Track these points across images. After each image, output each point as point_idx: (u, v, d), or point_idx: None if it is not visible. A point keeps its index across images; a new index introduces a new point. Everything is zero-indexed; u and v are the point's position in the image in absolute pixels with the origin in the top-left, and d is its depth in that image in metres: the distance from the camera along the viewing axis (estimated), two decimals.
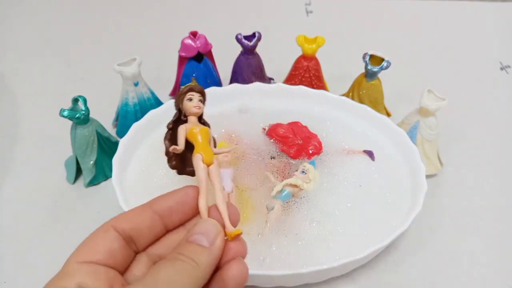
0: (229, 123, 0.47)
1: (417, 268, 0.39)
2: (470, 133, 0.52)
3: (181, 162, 0.29)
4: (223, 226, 0.24)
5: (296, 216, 0.38)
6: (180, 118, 0.29)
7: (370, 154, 0.43)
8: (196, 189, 0.26)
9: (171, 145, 0.27)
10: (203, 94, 0.30)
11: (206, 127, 0.29)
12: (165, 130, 0.29)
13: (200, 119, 0.30)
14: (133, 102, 0.48)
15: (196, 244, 0.23)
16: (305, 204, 0.39)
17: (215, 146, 0.30)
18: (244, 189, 0.40)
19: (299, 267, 0.33)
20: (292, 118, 0.47)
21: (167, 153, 0.28)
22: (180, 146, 0.27)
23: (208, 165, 0.27)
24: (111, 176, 0.39)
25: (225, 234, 0.24)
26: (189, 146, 0.28)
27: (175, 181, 0.41)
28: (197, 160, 0.27)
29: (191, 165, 0.27)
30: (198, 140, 0.27)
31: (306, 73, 0.51)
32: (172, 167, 0.29)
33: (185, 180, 0.28)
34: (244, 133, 0.45)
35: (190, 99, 0.29)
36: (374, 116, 0.46)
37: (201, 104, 0.29)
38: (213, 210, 0.25)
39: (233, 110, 0.48)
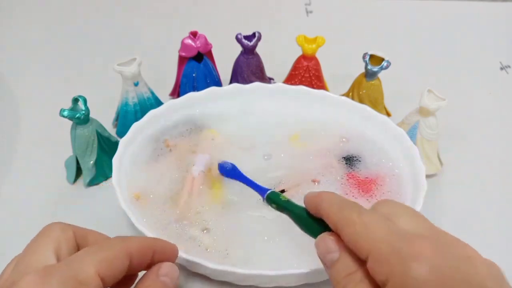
0: (228, 122, 0.47)
1: None
2: (470, 133, 0.52)
3: None
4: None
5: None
6: None
7: None
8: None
9: None
10: None
11: None
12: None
13: None
14: (133, 102, 0.48)
15: (163, 284, 0.27)
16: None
17: None
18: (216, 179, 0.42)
19: (299, 267, 0.33)
20: (292, 118, 0.48)
21: None
22: None
23: None
24: (111, 176, 0.39)
25: None
26: None
27: (174, 180, 0.41)
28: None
29: None
30: None
31: (306, 73, 0.51)
32: None
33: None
34: (241, 132, 0.46)
35: None
36: (374, 116, 0.46)
37: None
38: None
39: (232, 110, 0.48)
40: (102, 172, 0.45)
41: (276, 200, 0.32)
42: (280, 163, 0.43)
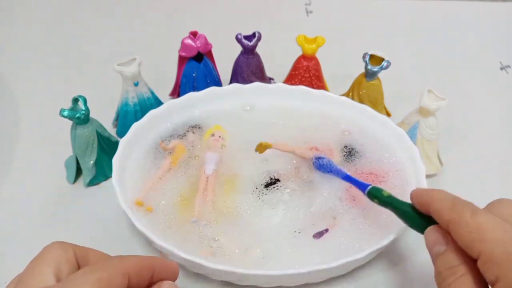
0: (228, 122, 0.47)
1: (418, 267, 0.39)
2: (470, 133, 0.52)
3: None
4: None
5: (290, 213, 0.39)
6: None
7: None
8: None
9: None
10: None
11: None
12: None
13: None
14: (133, 102, 0.48)
15: None
16: (299, 201, 0.40)
17: None
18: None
19: (299, 267, 0.33)
20: (292, 118, 0.47)
21: None
22: None
23: None
24: (111, 176, 0.39)
25: None
26: None
27: (174, 179, 0.41)
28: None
29: None
30: None
31: (306, 73, 0.51)
32: None
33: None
34: (241, 133, 0.46)
35: None
36: (374, 116, 0.46)
37: None
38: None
39: (232, 110, 0.48)
40: (102, 172, 0.45)
41: (378, 196, 0.33)
42: (282, 162, 0.43)
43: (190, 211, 0.39)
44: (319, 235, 0.37)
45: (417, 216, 0.29)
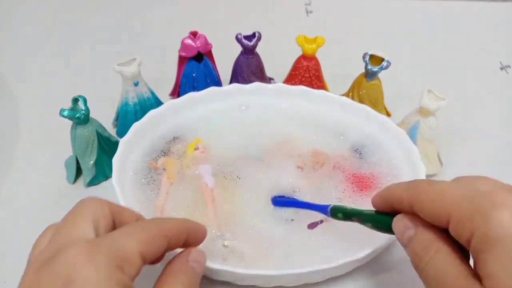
0: (228, 122, 0.47)
1: None
2: (470, 133, 0.52)
3: None
4: None
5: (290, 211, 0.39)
6: None
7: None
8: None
9: None
10: None
11: None
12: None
13: None
14: (133, 102, 0.48)
15: (192, 269, 0.28)
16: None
17: None
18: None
19: (299, 267, 0.33)
20: (292, 118, 0.47)
21: None
22: None
23: None
24: (111, 176, 0.39)
25: None
26: None
27: (180, 197, 0.41)
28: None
29: None
30: None
31: (306, 73, 0.51)
32: None
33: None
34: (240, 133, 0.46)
35: None
36: (374, 116, 0.46)
37: None
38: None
39: (232, 110, 0.48)
40: (102, 172, 0.45)
41: (341, 210, 0.33)
42: (281, 163, 0.43)
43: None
44: (313, 225, 0.37)
45: (382, 216, 0.29)
